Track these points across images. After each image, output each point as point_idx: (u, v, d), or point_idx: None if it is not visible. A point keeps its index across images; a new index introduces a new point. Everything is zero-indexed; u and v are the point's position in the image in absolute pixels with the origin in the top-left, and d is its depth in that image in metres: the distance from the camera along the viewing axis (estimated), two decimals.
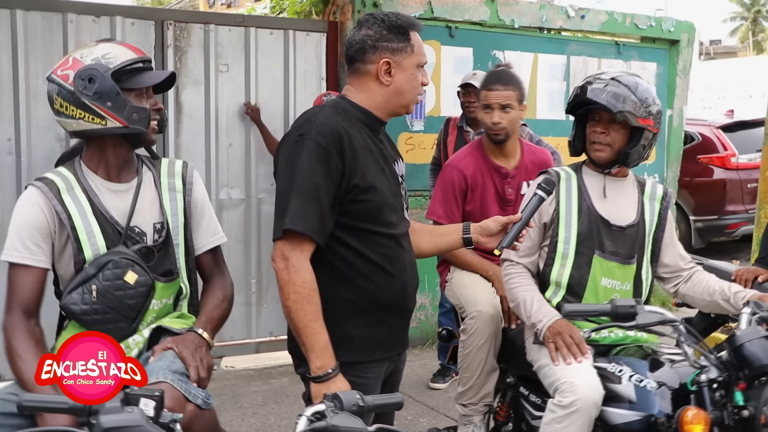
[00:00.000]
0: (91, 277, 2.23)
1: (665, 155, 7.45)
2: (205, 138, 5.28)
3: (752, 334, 2.28)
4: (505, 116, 3.48)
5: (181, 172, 2.47)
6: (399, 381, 2.57)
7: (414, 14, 5.86)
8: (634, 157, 2.80)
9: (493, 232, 2.48)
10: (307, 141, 2.17)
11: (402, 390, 4.92)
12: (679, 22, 7.42)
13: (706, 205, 9.27)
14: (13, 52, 4.65)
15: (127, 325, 2.28)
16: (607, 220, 2.83)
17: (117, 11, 4.98)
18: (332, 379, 2.15)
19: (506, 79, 3.56)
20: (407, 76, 2.30)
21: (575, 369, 2.58)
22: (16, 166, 4.69)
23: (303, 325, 2.15)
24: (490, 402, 3.32)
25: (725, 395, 2.30)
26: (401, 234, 2.37)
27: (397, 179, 2.40)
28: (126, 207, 2.33)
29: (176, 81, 2.55)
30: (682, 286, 2.94)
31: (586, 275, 2.79)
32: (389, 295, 2.31)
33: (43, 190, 2.26)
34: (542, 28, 6.68)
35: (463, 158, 3.66)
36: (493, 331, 3.24)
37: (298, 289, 2.14)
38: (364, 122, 2.31)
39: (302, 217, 2.14)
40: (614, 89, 2.72)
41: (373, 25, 2.28)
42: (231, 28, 5.34)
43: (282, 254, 2.16)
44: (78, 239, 2.25)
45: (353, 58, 2.31)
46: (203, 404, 2.11)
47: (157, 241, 2.36)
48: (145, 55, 2.36)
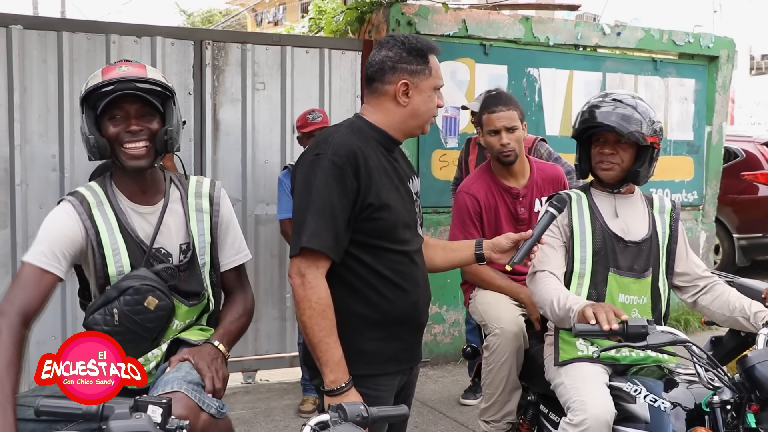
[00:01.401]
0: (112, 300, 2.27)
1: (704, 172, 7.36)
2: (241, 154, 5.39)
3: (764, 356, 2.27)
4: (512, 137, 3.52)
5: (209, 192, 2.49)
6: (412, 394, 2.60)
7: (448, 32, 5.95)
8: (643, 174, 2.85)
9: (504, 248, 2.53)
10: (324, 160, 2.22)
11: (433, 405, 5.04)
12: (719, 38, 7.35)
13: (751, 223, 9.09)
14: (59, 72, 4.83)
15: (148, 344, 2.34)
16: (620, 236, 2.86)
17: (157, 32, 5.13)
18: (345, 392, 2.18)
19: (506, 100, 3.61)
20: (424, 98, 2.35)
21: (588, 388, 2.60)
22: (60, 182, 4.85)
23: (318, 340, 2.19)
24: (513, 420, 3.33)
25: (737, 417, 2.29)
26: (414, 250, 2.41)
27: (412, 197, 2.44)
28: (151, 228, 2.37)
29: (214, 99, 2.59)
30: (701, 297, 2.92)
31: (603, 293, 2.81)
32: (402, 310, 2.34)
33: (75, 205, 2.31)
34: (578, 45, 6.68)
35: (473, 183, 3.69)
36: (516, 348, 3.26)
37: (313, 305, 2.19)
38: (379, 142, 2.35)
39: (318, 235, 2.18)
40: (622, 111, 2.77)
41: (394, 47, 2.33)
42: (267, 47, 5.45)
43: (299, 271, 2.21)
44: (103, 255, 2.31)
45: (372, 77, 2.36)
46: (217, 414, 2.15)
47: (183, 261, 2.40)
48: (116, 77, 2.27)
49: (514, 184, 3.64)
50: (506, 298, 3.49)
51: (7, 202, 4.75)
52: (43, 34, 4.79)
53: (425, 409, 5.05)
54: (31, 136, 4.79)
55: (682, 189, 7.18)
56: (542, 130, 6.44)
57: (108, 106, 2.28)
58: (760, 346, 2.40)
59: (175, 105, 2.40)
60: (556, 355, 2.85)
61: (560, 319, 2.68)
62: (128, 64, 2.36)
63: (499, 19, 6.26)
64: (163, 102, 2.37)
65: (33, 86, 4.78)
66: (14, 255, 4.77)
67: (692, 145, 7.29)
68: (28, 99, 4.77)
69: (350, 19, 6.03)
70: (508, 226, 3.54)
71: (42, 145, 4.82)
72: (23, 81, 4.75)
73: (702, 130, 7.33)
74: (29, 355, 4.65)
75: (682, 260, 2.95)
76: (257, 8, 30.92)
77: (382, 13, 5.85)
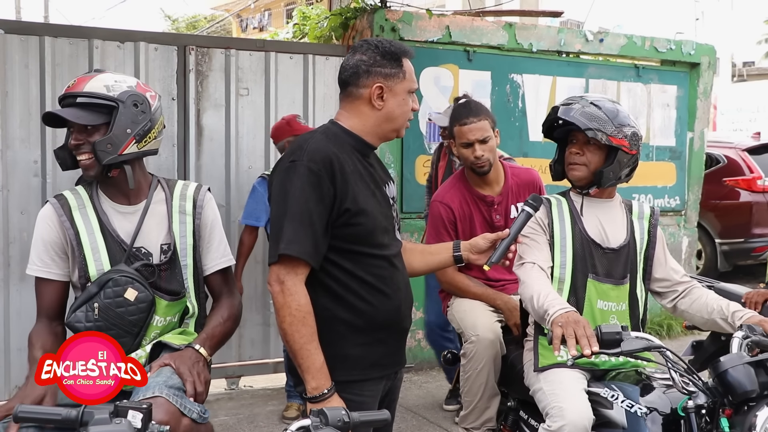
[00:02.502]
0: (93, 296, 2.34)
1: (686, 178, 7.42)
2: (225, 160, 5.39)
3: (735, 361, 2.28)
4: (485, 148, 3.51)
5: (193, 195, 2.56)
6: (396, 399, 2.61)
7: (432, 38, 5.98)
8: (608, 176, 2.82)
9: (482, 249, 2.56)
10: (299, 167, 2.23)
11: (417, 411, 5.05)
12: (700, 45, 7.43)
13: (732, 228, 9.18)
14: (41, 78, 4.81)
15: (130, 340, 2.39)
16: (598, 243, 2.87)
17: (141, 37, 5.13)
18: (328, 398, 2.19)
19: (476, 110, 3.58)
20: (399, 101, 2.36)
21: (566, 394, 2.61)
22: (42, 188, 4.84)
23: (299, 347, 2.20)
24: (493, 426, 3.35)
25: (711, 421, 2.31)
26: (394, 254, 2.42)
27: (388, 201, 2.45)
28: (132, 228, 2.44)
29: (197, 105, 2.62)
30: (680, 301, 2.92)
31: (582, 299, 2.81)
32: (385, 315, 2.36)
33: (56, 207, 2.43)
34: (561, 51, 6.73)
35: (447, 192, 3.70)
36: (492, 355, 3.27)
37: (293, 312, 2.19)
38: (354, 147, 2.36)
39: (296, 241, 2.19)
40: (586, 109, 2.78)
41: (367, 51, 2.35)
42: (251, 52, 5.46)
43: (278, 278, 2.22)
44: (84, 255, 2.37)
45: (347, 81, 2.38)
46: (199, 418, 2.17)
47: (163, 260, 2.45)
48: (76, 90, 2.41)
49: (489, 192, 3.65)
50: (482, 305, 3.50)
51: None
52: (25, 38, 4.77)
53: (409, 415, 5.06)
54: (12, 141, 4.78)
55: (665, 194, 7.23)
56: (525, 135, 6.49)
57: (66, 120, 2.42)
58: (734, 349, 2.40)
59: (118, 115, 2.40)
60: (536, 360, 2.85)
61: (539, 317, 2.68)
62: (83, 78, 2.45)
63: (482, 26, 6.30)
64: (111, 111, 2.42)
65: (15, 91, 4.77)
66: None
67: (674, 151, 7.35)
68: (9, 104, 4.76)
69: (334, 24, 6.04)
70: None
71: (24, 150, 4.80)
72: (5, 86, 4.74)
73: (684, 136, 7.39)
74: (10, 361, 4.70)
75: (661, 266, 2.96)
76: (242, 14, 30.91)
77: (366, 19, 5.87)
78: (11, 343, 4.75)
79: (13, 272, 4.77)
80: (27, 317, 2.46)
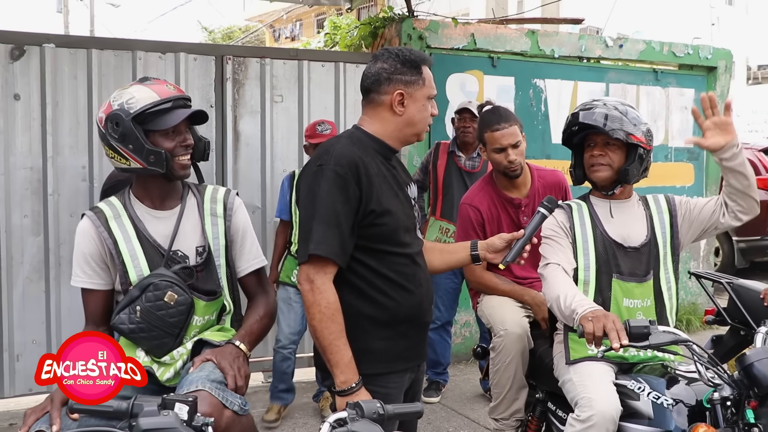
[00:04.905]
0: (135, 299, 2.42)
1: (704, 178, 7.58)
2: (260, 164, 5.61)
3: (762, 354, 2.36)
4: (517, 152, 3.60)
5: (223, 198, 2.62)
6: (420, 390, 2.72)
7: (458, 45, 6.16)
8: (633, 173, 2.90)
9: (498, 248, 2.67)
10: (326, 171, 2.31)
11: (445, 403, 5.25)
12: (716, 49, 7.57)
13: (749, 226, 9.07)
14: (88, 88, 5.06)
15: (171, 340, 2.47)
16: (620, 243, 2.94)
17: (181, 48, 5.36)
18: (356, 392, 2.28)
19: (506, 116, 3.65)
20: (419, 106, 2.45)
21: (595, 386, 2.71)
22: (89, 192, 5.08)
23: (328, 343, 2.29)
24: (521, 417, 3.46)
25: (736, 413, 2.37)
26: (416, 252, 2.51)
27: (410, 202, 2.54)
28: (169, 232, 2.51)
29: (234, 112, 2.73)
30: (729, 207, 2.92)
31: (608, 298, 2.89)
32: (408, 310, 2.44)
33: (92, 220, 2.49)
34: (581, 57, 6.88)
35: (476, 195, 3.78)
36: (520, 349, 3.37)
37: (323, 310, 2.28)
38: (378, 151, 2.45)
39: (325, 242, 2.28)
40: (604, 111, 2.88)
41: (389, 59, 2.44)
42: (285, 61, 5.68)
43: (307, 277, 2.31)
44: (123, 262, 2.46)
45: (369, 89, 2.46)
46: (240, 410, 2.24)
47: (199, 262, 2.53)
48: (172, 95, 2.48)
49: (517, 195, 3.72)
50: (511, 301, 3.59)
51: (40, 210, 4.99)
52: (74, 51, 5.02)
53: (437, 407, 5.26)
54: (62, 148, 5.02)
55: (683, 194, 7.34)
56: (548, 138, 6.66)
57: (161, 122, 2.45)
58: (758, 344, 2.50)
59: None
60: (567, 353, 2.94)
61: (565, 317, 2.74)
62: (160, 82, 2.54)
63: (506, 33, 6.47)
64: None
65: (64, 101, 5.01)
66: (47, 261, 5.01)
67: (692, 152, 7.51)
68: (59, 113, 5.00)
69: (364, 33, 6.22)
70: None
71: (72, 156, 5.05)
72: (55, 96, 4.98)
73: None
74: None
75: (701, 214, 2.96)
76: (275, 24, 31.07)
77: (394, 28, 6.05)
78: (63, 338, 4.97)
79: (63, 272, 5.02)
80: (77, 314, 2.61)
